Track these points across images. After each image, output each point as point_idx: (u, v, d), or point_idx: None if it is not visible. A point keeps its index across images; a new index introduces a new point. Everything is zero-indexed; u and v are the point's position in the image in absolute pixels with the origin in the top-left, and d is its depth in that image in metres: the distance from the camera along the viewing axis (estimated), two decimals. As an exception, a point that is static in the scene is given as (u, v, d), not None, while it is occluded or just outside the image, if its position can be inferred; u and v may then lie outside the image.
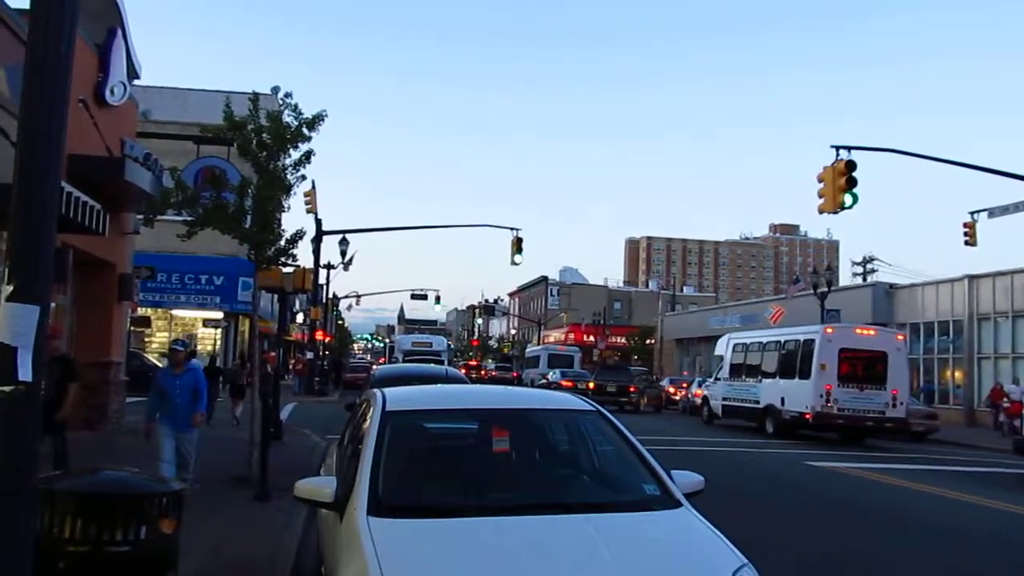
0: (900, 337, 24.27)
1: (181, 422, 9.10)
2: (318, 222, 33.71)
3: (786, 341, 25.77)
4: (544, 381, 48.25)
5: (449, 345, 51.02)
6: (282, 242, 11.07)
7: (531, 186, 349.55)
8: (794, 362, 24.69)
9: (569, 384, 42.10)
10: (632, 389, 36.47)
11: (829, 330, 24.09)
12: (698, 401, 32.60)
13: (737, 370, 28.24)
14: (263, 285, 12.90)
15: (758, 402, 25.92)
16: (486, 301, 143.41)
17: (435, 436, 5.23)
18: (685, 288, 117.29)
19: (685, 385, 38.32)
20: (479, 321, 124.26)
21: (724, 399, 28.38)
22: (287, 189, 10.88)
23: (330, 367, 47.21)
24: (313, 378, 35.17)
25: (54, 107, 3.82)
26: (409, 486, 4.48)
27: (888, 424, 23.29)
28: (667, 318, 61.71)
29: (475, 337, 79.15)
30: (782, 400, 24.54)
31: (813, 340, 23.90)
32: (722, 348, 30.16)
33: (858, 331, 24.39)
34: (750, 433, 24.95)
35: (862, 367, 23.67)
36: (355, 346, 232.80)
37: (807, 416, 23.17)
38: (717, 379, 29.72)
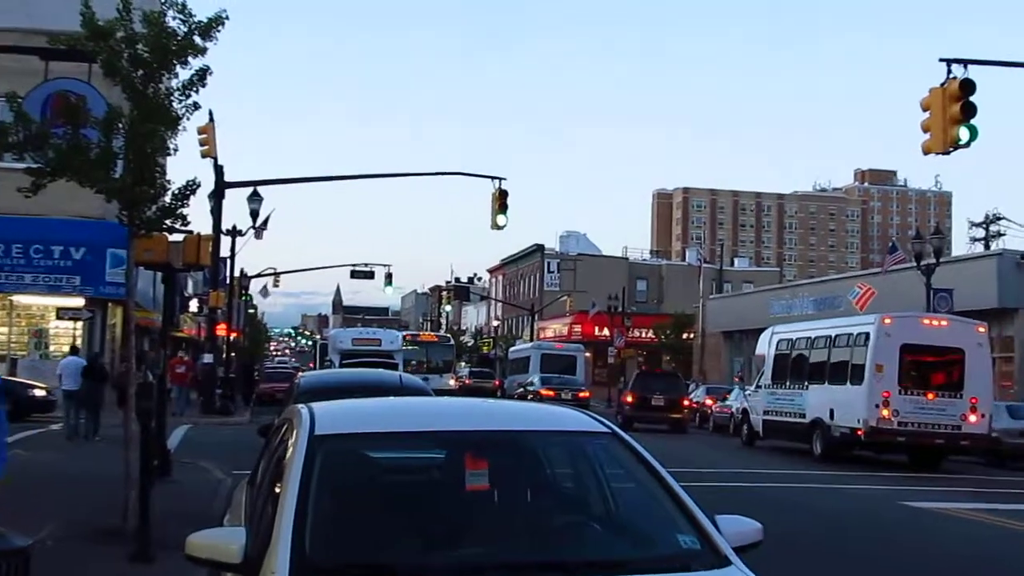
0: (981, 329, 24.90)
1: None
2: (218, 170, 33.58)
3: (837, 335, 26.74)
4: (519, 391, 50.03)
5: (407, 342, 51.48)
6: (167, 198, 11.02)
7: (518, 122, 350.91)
8: (845, 363, 25.65)
9: (550, 394, 44.17)
10: (685, 403, 38.16)
11: (887, 320, 24.77)
12: (735, 416, 34.12)
13: (781, 374, 29.35)
14: (141, 260, 12.89)
15: (804, 416, 26.96)
16: (457, 281, 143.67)
17: (384, 470, 5.26)
18: (737, 260, 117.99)
19: (727, 396, 39.74)
20: (447, 308, 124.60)
21: (766, 412, 29.55)
22: (173, 122, 10.81)
23: (238, 375, 47.38)
24: (213, 390, 35.24)
25: None
26: (348, 540, 4.47)
27: (964, 442, 24.17)
28: (712, 302, 62.38)
29: (427, 331, 79.62)
30: (831, 412, 25.50)
31: (868, 334, 24.72)
32: (764, 346, 31.33)
33: (926, 322, 25.18)
34: (797, 457, 25.86)
35: (931, 368, 24.54)
36: (273, 345, 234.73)
37: (859, 432, 24.04)
38: (758, 387, 30.86)
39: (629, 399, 37.14)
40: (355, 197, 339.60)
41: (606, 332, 69.87)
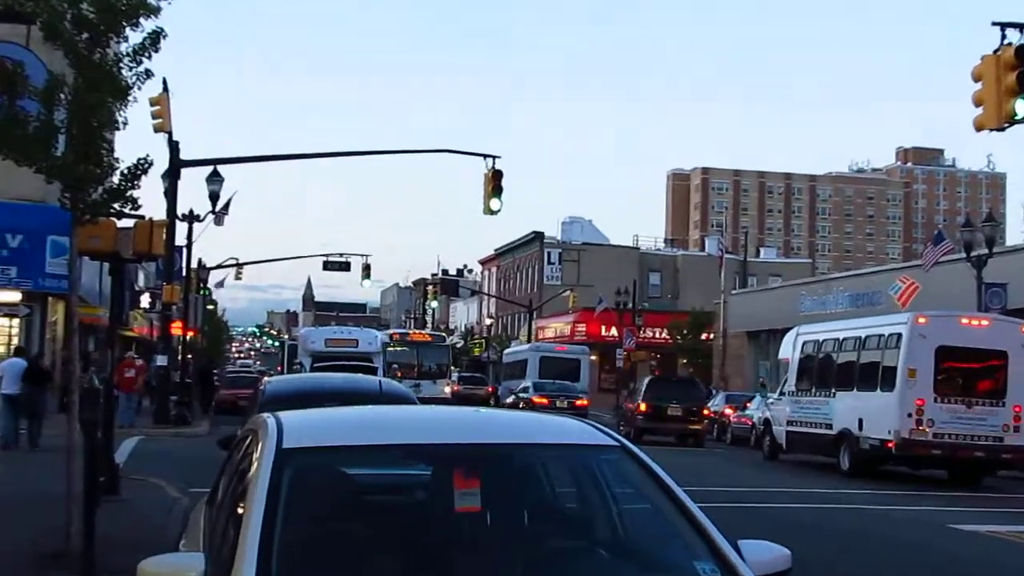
0: None
1: None
2: (173, 147, 33.55)
3: (867, 336, 27.09)
4: (511, 399, 51.02)
5: (393, 342, 51.71)
6: (116, 178, 11.01)
7: (514, 95, 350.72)
8: (876, 367, 25.95)
9: (543, 402, 45.64)
10: (706, 413, 38.88)
11: (921, 320, 24.99)
12: (756, 427, 34.67)
13: (806, 380, 29.86)
14: (86, 249, 12.90)
15: (830, 426, 27.32)
16: (445, 273, 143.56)
17: (362, 488, 5.28)
18: (763, 251, 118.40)
19: (747, 405, 40.02)
20: (433, 304, 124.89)
21: (790, 423, 29.97)
22: (122, 92, 10.78)
23: (195, 380, 47.36)
24: (167, 397, 35.26)
25: None
26: (320, 569, 4.48)
27: (1006, 455, 24.35)
28: (735, 298, 62.67)
29: (416, 330, 79.69)
30: (860, 423, 25.81)
31: (900, 335, 24.95)
32: (788, 348, 31.89)
33: (965, 321, 25.30)
34: (824, 473, 26.17)
35: (970, 374, 24.65)
36: (235, 346, 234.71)
37: (890, 445, 24.28)
38: (781, 394, 31.41)
39: (641, 408, 37.53)
40: (329, 179, 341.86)
41: (614, 332, 69.91)
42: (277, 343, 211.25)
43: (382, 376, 28.66)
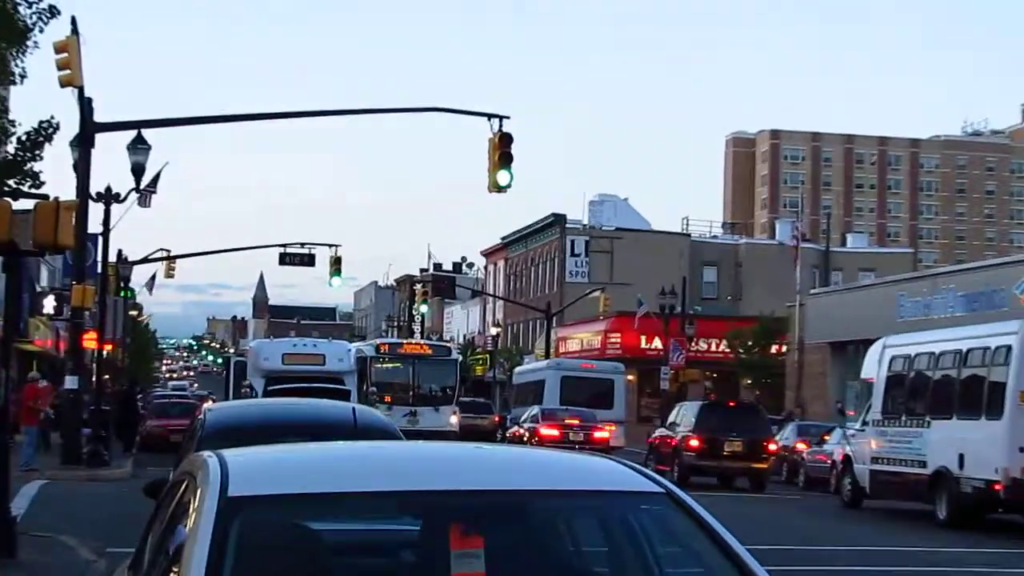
0: None
1: None
2: (86, 105, 33.56)
3: (969, 350, 27.34)
4: (514, 431, 52.11)
5: (379, 355, 51.70)
6: (11, 147, 11.04)
7: (526, 42, 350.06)
8: (979, 388, 26.22)
9: (552, 434, 46.64)
10: (771, 448, 39.60)
11: None
12: (835, 466, 34.85)
13: (894, 406, 30.22)
14: (-28, 237, 13.05)
15: (924, 464, 27.63)
16: (438, 269, 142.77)
17: (331, 549, 5.29)
18: (850, 238, 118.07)
19: (827, 437, 40.30)
20: (423, 308, 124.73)
21: (875, 460, 30.39)
22: (20, 35, 10.83)
23: (114, 408, 47.22)
24: (79, 430, 35.30)
25: None
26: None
27: None
28: (814, 300, 62.57)
29: (411, 340, 79.54)
30: (960, 459, 26.06)
31: (1009, 347, 25.22)
32: (872, 365, 32.28)
33: None
34: (917, 523, 26.50)
35: None
36: (166, 364, 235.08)
37: (996, 487, 24.53)
38: (865, 423, 31.84)
39: (692, 443, 38.06)
40: (288, 150, 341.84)
41: (657, 345, 69.88)
42: (220, 360, 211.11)
43: (356, 402, 28.66)
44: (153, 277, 67.31)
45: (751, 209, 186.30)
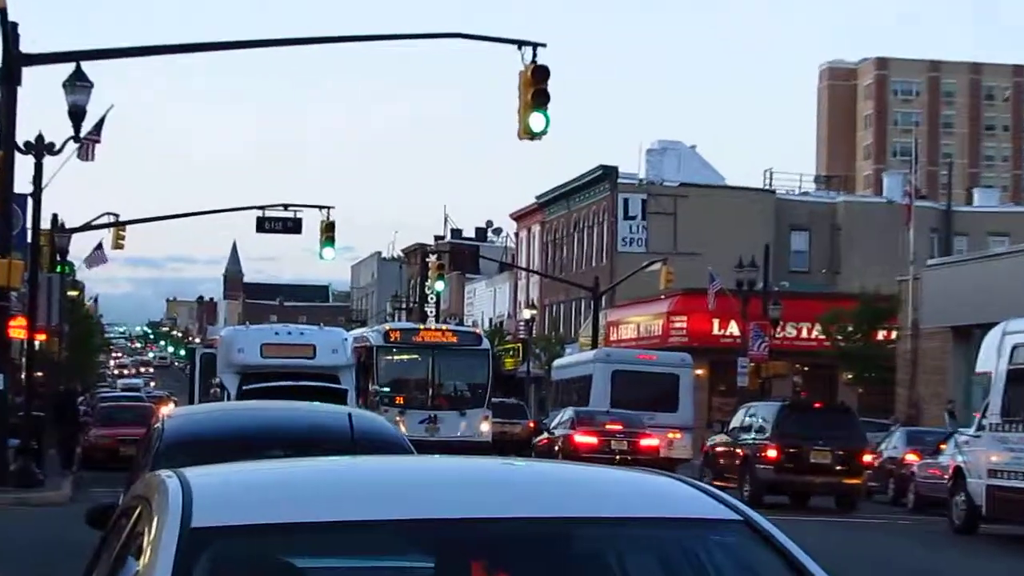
0: None
1: None
2: (10, 32, 33.68)
3: None
4: (542, 440, 52.89)
5: (388, 344, 51.64)
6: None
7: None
8: None
9: (590, 442, 47.16)
10: (867, 461, 40.23)
11: None
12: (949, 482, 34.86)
13: (1016, 405, 30.38)
14: None
15: None
16: (456, 237, 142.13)
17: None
18: (978, 194, 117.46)
19: (943, 446, 40.15)
20: (438, 286, 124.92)
21: (992, 474, 30.55)
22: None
23: (50, 413, 47.53)
24: (3, 442, 35.32)
25: None
26: None
27: None
28: (933, 273, 62.67)
29: (429, 325, 79.17)
30: None
31: None
32: (990, 356, 32.48)
33: None
34: None
35: None
36: (115, 358, 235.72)
37: None
38: (980, 428, 32.02)
39: (769, 453, 38.38)
40: (269, 91, 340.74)
41: (734, 331, 70.43)
42: (182, 353, 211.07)
43: (356, 406, 28.70)
44: (98, 248, 67.34)
45: (851, 159, 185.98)
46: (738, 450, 40.16)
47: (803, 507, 37.61)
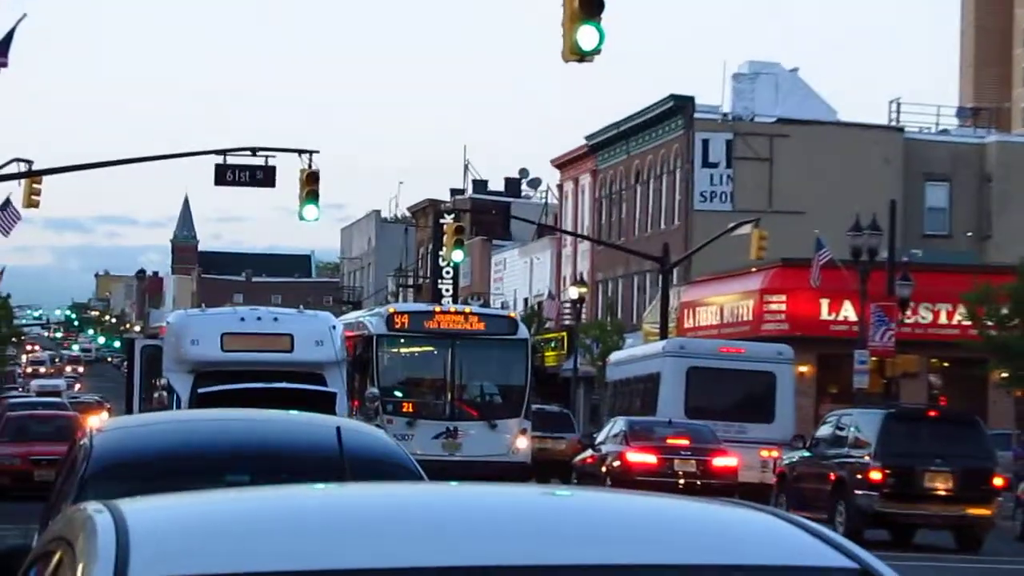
0: None
1: None
2: None
3: None
4: (585, 459, 53.41)
5: (394, 334, 51.67)
6: None
7: None
8: None
9: (648, 463, 47.51)
10: (996, 484, 40.23)
11: None
12: None
13: None
14: None
15: None
16: (479, 190, 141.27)
17: None
18: None
19: None
20: (455, 255, 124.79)
21: None
22: None
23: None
24: None
25: None
26: None
27: None
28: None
29: (448, 307, 78.95)
30: None
31: None
32: None
33: None
34: None
35: None
36: (28, 351, 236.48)
37: None
38: None
39: (876, 476, 38.48)
40: (233, 5, 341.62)
41: (849, 314, 70.71)
42: (118, 344, 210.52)
43: (346, 416, 28.76)
44: (5, 207, 67.63)
45: (1006, 86, 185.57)
46: (828, 471, 40.23)
47: (908, 544, 37.94)
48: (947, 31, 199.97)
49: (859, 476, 38.27)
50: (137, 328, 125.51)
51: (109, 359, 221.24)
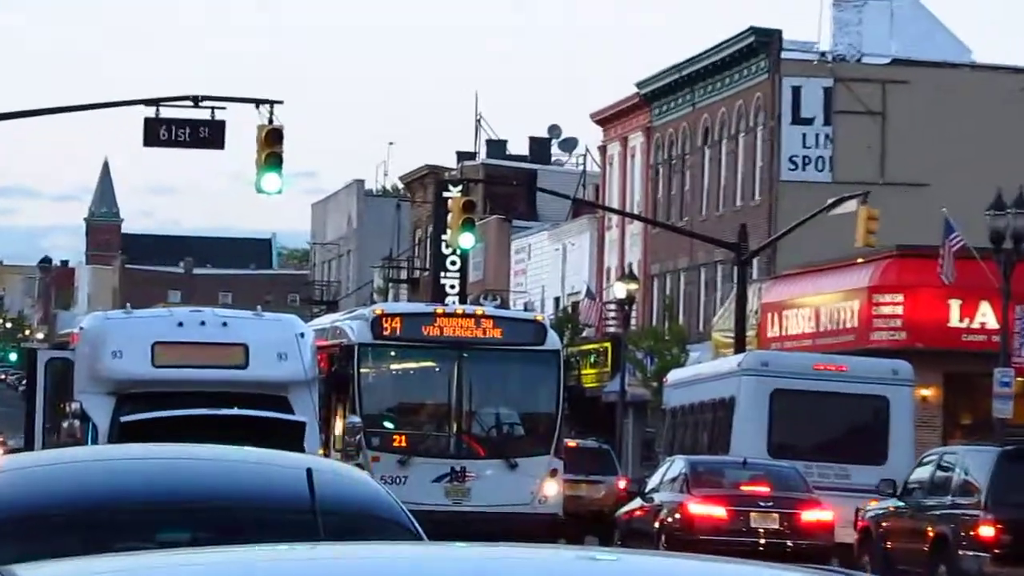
0: None
1: None
2: None
3: None
4: (637, 511, 53.37)
5: (378, 342, 51.77)
6: None
7: None
8: None
9: (716, 514, 47.55)
10: None
11: None
12: None
13: None
14: None
15: None
16: (495, 153, 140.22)
17: None
18: None
19: None
20: (464, 240, 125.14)
21: None
22: None
23: None
24: None
25: None
26: None
27: None
28: None
29: (447, 308, 78.79)
30: None
31: None
32: None
33: None
34: None
35: None
36: None
37: None
38: None
39: (987, 531, 38.29)
40: None
41: (988, 320, 70.12)
42: (13, 356, 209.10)
43: (319, 452, 29.20)
44: None
45: None
46: (925, 526, 40.37)
47: None
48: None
49: (965, 532, 38.25)
50: (40, 335, 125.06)
51: (2, 376, 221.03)
